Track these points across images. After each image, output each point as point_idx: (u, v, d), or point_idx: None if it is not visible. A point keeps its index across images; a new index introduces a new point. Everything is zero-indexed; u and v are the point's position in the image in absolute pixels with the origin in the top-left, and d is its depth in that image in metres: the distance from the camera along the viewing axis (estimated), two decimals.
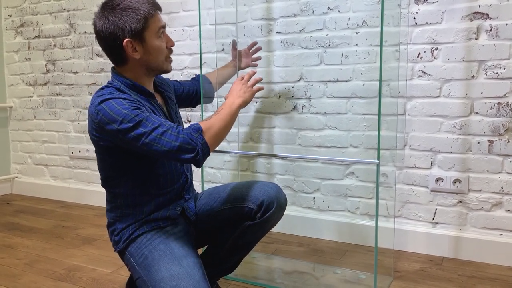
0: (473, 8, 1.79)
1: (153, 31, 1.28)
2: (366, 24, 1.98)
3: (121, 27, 1.24)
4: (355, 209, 2.11)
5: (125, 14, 1.24)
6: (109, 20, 1.25)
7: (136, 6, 1.25)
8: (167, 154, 1.20)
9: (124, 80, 1.32)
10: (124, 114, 1.18)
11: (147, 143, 1.19)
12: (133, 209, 1.35)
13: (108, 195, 1.39)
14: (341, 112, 2.07)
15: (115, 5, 1.25)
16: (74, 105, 2.89)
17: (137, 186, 1.33)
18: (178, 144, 1.19)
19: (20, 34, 3.05)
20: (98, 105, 1.21)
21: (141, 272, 1.27)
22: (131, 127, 1.18)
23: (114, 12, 1.25)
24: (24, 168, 3.19)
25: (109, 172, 1.35)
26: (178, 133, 1.20)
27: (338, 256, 1.96)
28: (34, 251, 2.07)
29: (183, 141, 1.19)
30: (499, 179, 1.83)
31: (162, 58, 1.33)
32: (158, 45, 1.30)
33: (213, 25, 2.32)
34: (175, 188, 1.40)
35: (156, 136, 1.19)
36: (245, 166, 2.34)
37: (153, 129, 1.19)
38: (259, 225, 1.38)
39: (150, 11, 1.27)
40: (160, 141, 1.19)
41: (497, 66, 1.78)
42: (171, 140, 1.19)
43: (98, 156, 1.35)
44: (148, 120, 1.20)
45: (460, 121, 1.86)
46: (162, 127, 1.20)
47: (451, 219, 1.93)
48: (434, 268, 1.82)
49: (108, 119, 1.19)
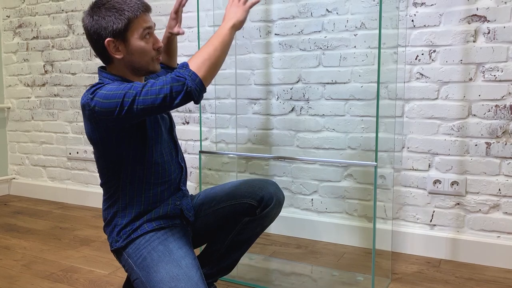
0: (471, 10, 1.79)
1: (137, 32, 1.28)
2: (364, 26, 1.98)
3: (104, 26, 1.26)
4: (353, 211, 2.11)
5: (109, 14, 1.25)
6: (93, 19, 1.27)
7: (121, 6, 1.26)
8: (164, 102, 1.17)
9: (113, 77, 1.32)
10: (115, 90, 1.19)
11: (142, 100, 1.17)
12: (132, 200, 1.33)
13: (106, 191, 1.38)
14: (339, 114, 2.07)
15: (101, 5, 1.27)
16: (72, 106, 2.88)
17: (135, 176, 1.32)
18: (169, 86, 1.17)
19: (18, 35, 3.05)
20: (92, 92, 1.22)
21: (140, 273, 1.27)
22: (123, 95, 1.17)
23: (99, 11, 1.26)
24: (21, 169, 3.18)
25: (106, 164, 1.33)
26: (166, 77, 1.19)
27: (335, 258, 1.96)
28: (32, 252, 2.07)
29: (172, 80, 1.17)
30: (496, 181, 1.83)
31: (146, 58, 1.31)
32: (142, 46, 1.29)
33: (211, 27, 2.32)
34: (172, 178, 1.40)
35: (148, 90, 1.17)
36: (243, 168, 2.34)
37: (143, 86, 1.18)
38: (259, 221, 1.42)
39: (135, 12, 1.26)
40: (152, 91, 1.17)
41: (494, 69, 1.78)
42: (162, 85, 1.17)
43: (96, 150, 1.33)
44: (137, 83, 1.20)
45: (458, 123, 1.87)
46: (150, 82, 1.19)
47: (448, 221, 1.93)
48: (431, 270, 1.82)
49: (99, 105, 1.19)
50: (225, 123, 2.35)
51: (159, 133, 1.33)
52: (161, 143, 1.35)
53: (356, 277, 1.77)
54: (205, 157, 2.42)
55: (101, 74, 1.33)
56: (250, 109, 2.27)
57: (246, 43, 2.24)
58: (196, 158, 2.48)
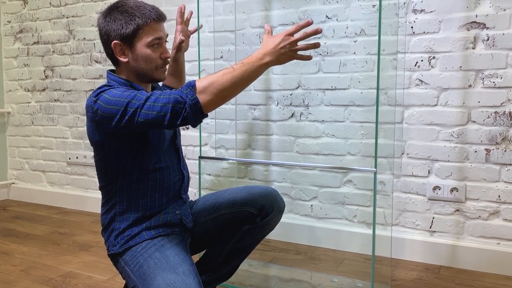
0: (470, 17, 1.80)
1: (144, 40, 1.27)
2: (364, 33, 1.99)
3: (113, 29, 1.26)
4: (353, 217, 2.11)
5: (120, 18, 1.26)
6: (106, 20, 1.28)
7: (133, 12, 1.26)
8: (164, 121, 1.14)
9: (120, 80, 1.32)
10: (116, 99, 1.18)
11: (144, 114, 1.14)
12: (130, 205, 1.33)
13: (104, 194, 1.37)
14: (338, 120, 2.07)
15: (116, 7, 1.28)
16: (72, 111, 2.89)
17: (133, 181, 1.32)
18: (170, 106, 1.12)
19: (19, 40, 3.06)
20: (96, 95, 1.22)
21: (136, 280, 1.26)
22: (125, 106, 1.16)
23: (113, 13, 1.27)
24: (21, 174, 3.18)
25: (105, 167, 1.33)
26: (170, 94, 1.14)
27: (335, 265, 1.96)
28: (30, 257, 2.06)
29: (174, 101, 1.12)
30: (496, 188, 1.83)
31: (151, 66, 1.31)
32: (148, 54, 1.28)
33: (211, 33, 2.33)
34: (171, 184, 1.39)
35: (151, 104, 1.14)
36: (243, 173, 2.34)
37: (147, 99, 1.15)
38: (259, 229, 1.41)
39: (145, 20, 1.26)
40: (155, 107, 1.14)
41: (494, 75, 1.79)
42: (164, 103, 1.13)
43: (95, 151, 1.33)
44: (141, 93, 1.17)
45: (458, 130, 1.87)
46: (154, 95, 1.16)
47: (448, 227, 1.93)
48: (431, 277, 1.81)
49: (101, 109, 1.19)
50: (225, 129, 2.35)
51: (161, 139, 1.33)
52: (162, 150, 1.34)
53: (355, 284, 1.76)
54: (204, 162, 2.42)
55: (108, 76, 1.34)
56: (250, 115, 2.27)
57: (246, 49, 2.25)
58: (195, 163, 2.48)
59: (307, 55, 1.22)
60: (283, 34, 1.17)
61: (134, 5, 1.27)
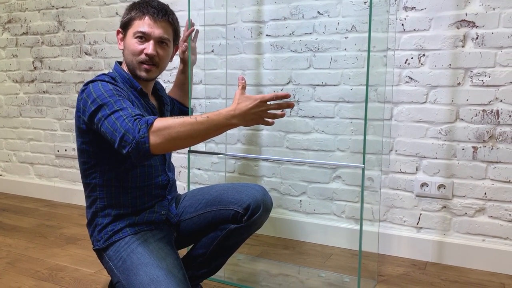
0: (460, 16, 1.81)
1: (132, 30, 1.36)
2: (355, 29, 1.99)
3: (123, 16, 1.40)
4: (341, 212, 2.12)
5: (129, 8, 1.39)
6: (126, 7, 1.41)
7: (138, 5, 1.37)
8: (115, 143, 1.10)
9: (121, 72, 1.38)
10: (100, 94, 1.20)
11: (105, 127, 1.13)
12: (111, 201, 1.33)
13: (85, 188, 1.37)
14: (328, 116, 2.08)
15: (135, 1, 1.41)
16: (61, 103, 2.86)
17: (113, 177, 1.31)
18: (122, 132, 1.08)
19: (7, 31, 3.02)
20: (85, 85, 1.26)
21: (120, 276, 1.25)
22: (99, 106, 1.17)
23: (132, 3, 1.41)
24: (8, 166, 3.14)
25: (86, 160, 1.33)
26: (129, 121, 1.09)
27: (323, 259, 1.97)
28: (17, 250, 2.05)
29: (128, 129, 1.08)
30: (482, 185, 1.85)
31: (132, 58, 1.37)
32: (132, 44, 1.36)
33: (202, 26, 2.32)
34: (153, 183, 1.38)
35: (113, 120, 1.11)
36: (232, 168, 2.34)
37: (114, 112, 1.12)
38: (245, 228, 1.37)
39: (140, 13, 1.35)
40: (113, 125, 1.10)
41: (482, 74, 1.80)
42: (120, 126, 1.09)
43: (78, 143, 1.33)
44: (116, 103, 1.14)
45: (446, 127, 1.88)
46: (123, 111, 1.11)
47: (435, 224, 1.95)
48: (417, 273, 1.83)
49: (87, 96, 1.22)
50: None
51: None
52: None
53: (342, 279, 1.77)
54: (194, 156, 2.41)
55: (114, 66, 1.42)
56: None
57: (238, 43, 2.24)
58: (185, 157, 2.48)
59: (272, 121, 1.16)
60: (259, 99, 1.10)
61: (146, 0, 1.38)
